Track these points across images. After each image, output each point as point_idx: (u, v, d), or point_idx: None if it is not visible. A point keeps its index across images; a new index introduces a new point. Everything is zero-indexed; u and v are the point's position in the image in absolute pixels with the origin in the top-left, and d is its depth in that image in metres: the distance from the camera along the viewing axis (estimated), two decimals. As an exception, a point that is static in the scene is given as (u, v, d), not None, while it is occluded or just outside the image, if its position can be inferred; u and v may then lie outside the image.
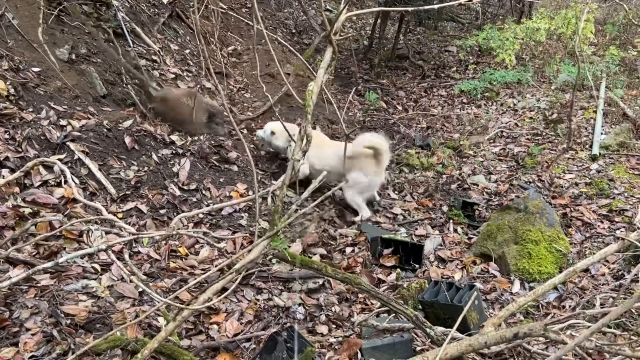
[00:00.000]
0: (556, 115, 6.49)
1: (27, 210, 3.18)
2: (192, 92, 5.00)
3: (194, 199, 3.93)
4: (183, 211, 3.72)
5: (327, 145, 4.61)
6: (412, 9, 2.95)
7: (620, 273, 3.46)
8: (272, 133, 4.69)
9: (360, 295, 3.34)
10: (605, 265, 3.57)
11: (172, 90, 4.99)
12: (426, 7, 2.61)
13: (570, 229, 4.09)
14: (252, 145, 5.16)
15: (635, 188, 4.59)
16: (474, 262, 3.81)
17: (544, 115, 6.61)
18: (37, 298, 2.71)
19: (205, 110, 4.84)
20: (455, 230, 4.27)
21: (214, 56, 6.34)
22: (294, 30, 9.36)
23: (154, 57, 5.67)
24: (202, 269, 3.30)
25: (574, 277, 3.39)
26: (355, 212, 4.42)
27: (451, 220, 4.38)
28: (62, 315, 2.63)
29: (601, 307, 3.01)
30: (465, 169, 5.44)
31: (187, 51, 6.32)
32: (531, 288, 3.42)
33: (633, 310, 2.95)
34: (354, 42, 10.08)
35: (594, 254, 3.25)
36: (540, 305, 3.26)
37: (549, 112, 6.66)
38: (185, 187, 3.99)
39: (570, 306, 3.19)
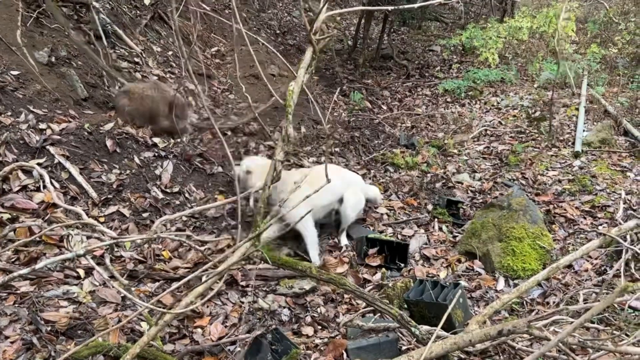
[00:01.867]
0: (539, 113, 6.55)
1: (6, 216, 3.12)
2: (155, 83, 4.83)
3: (177, 202, 3.90)
4: (166, 214, 3.68)
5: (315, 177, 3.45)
6: (392, 8, 2.95)
7: (603, 268, 3.48)
8: (248, 172, 3.83)
9: (345, 296, 3.33)
10: (588, 261, 3.59)
11: (136, 84, 4.81)
12: (406, 7, 2.61)
13: (554, 226, 4.12)
14: (232, 149, 5.10)
15: (617, 184, 4.63)
16: (459, 260, 3.82)
17: (527, 113, 6.66)
18: (16, 305, 2.66)
19: (169, 101, 4.60)
20: (440, 229, 4.28)
21: (196, 57, 6.29)
22: (278, 31, 9.35)
23: (136, 59, 5.61)
24: (185, 272, 3.27)
25: (557, 273, 3.41)
26: None
27: (436, 219, 4.39)
28: (42, 322, 2.58)
29: (584, 303, 3.03)
30: (449, 167, 5.46)
31: (170, 53, 6.27)
32: (516, 285, 3.43)
33: (616, 305, 2.98)
34: (339, 43, 10.08)
35: (576, 250, 3.27)
36: (524, 302, 3.27)
37: (532, 110, 6.72)
38: (168, 190, 3.95)
39: (554, 302, 3.21)
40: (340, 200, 4.06)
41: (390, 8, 2.80)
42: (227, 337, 2.83)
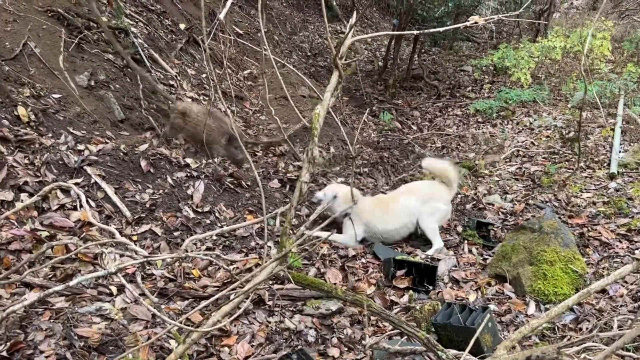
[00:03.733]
0: (573, 133, 6.43)
1: (45, 234, 3.24)
2: (213, 111, 4.98)
3: (208, 221, 3.97)
4: (197, 233, 3.76)
5: (389, 201, 4.47)
6: (417, 32, 2.99)
7: (639, 294, 3.38)
8: (335, 197, 4.34)
9: (372, 318, 3.31)
10: (623, 286, 3.49)
11: (193, 106, 5.00)
12: (433, 31, 2.64)
13: (587, 249, 4.02)
14: (262, 169, 5.17)
15: (654, 207, 4.50)
16: (489, 284, 3.76)
17: (560, 133, 6.55)
18: (51, 320, 2.75)
19: (225, 132, 4.83)
20: (470, 251, 4.23)
21: (228, 80, 6.45)
22: (309, 53, 9.49)
23: (171, 82, 5.80)
24: (214, 290, 3.32)
25: (590, 298, 3.33)
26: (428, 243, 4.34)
27: (466, 241, 4.34)
28: (76, 337, 2.66)
29: (619, 329, 2.94)
30: (480, 188, 5.41)
31: (204, 76, 6.45)
32: (547, 309, 3.35)
33: (652, 333, 2.88)
34: (369, 63, 10.17)
35: (610, 274, 3.19)
36: (556, 328, 3.19)
37: (566, 131, 6.61)
38: (199, 210, 4.03)
39: (587, 328, 3.13)
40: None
41: (415, 32, 2.84)
42: (254, 357, 2.85)
